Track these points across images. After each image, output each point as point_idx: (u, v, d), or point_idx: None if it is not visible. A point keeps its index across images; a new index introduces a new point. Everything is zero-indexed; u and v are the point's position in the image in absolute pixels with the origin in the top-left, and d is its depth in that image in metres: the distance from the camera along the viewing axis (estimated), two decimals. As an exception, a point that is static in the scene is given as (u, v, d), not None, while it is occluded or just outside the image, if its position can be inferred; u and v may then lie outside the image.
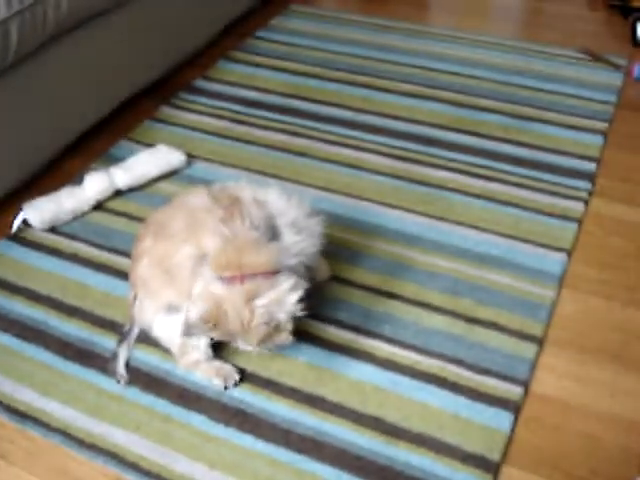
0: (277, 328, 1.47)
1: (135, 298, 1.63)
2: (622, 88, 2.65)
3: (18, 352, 1.70)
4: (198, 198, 1.62)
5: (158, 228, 1.61)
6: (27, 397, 1.60)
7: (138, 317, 1.64)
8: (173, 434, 1.52)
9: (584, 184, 2.17)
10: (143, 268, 1.60)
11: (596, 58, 2.82)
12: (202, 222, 1.55)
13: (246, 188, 1.63)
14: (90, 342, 1.72)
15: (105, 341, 1.72)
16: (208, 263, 1.50)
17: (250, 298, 1.45)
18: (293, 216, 1.60)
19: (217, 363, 1.63)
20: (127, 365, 1.65)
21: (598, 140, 2.36)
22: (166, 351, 1.65)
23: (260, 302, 1.45)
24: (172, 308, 1.57)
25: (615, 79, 2.69)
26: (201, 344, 1.60)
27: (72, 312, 1.79)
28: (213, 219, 1.54)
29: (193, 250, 1.53)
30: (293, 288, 1.48)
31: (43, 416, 1.56)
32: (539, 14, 3.28)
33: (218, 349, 1.64)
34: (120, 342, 1.67)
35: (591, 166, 2.24)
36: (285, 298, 1.47)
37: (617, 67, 2.75)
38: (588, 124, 2.44)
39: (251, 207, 1.57)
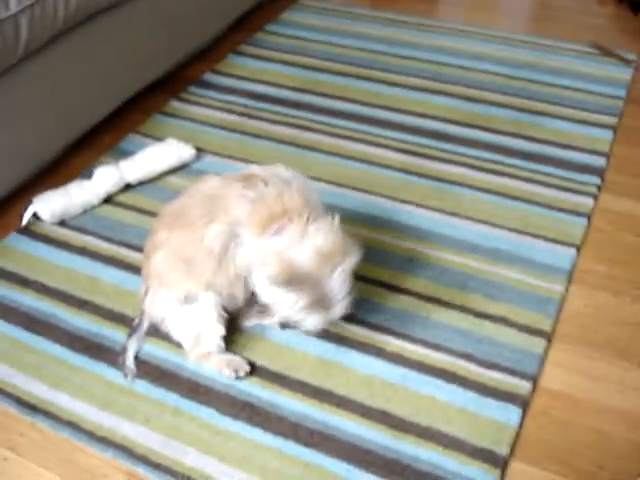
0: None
1: (147, 291, 1.64)
2: (631, 83, 2.64)
3: (28, 345, 1.71)
4: (211, 182, 1.63)
5: (174, 219, 1.61)
6: (37, 390, 1.60)
7: (151, 310, 1.64)
8: (182, 427, 1.52)
9: (593, 179, 2.16)
10: (159, 260, 1.60)
11: (606, 53, 2.81)
12: (223, 197, 1.56)
13: (256, 167, 1.66)
14: (100, 335, 1.72)
15: (115, 334, 1.72)
16: (246, 226, 1.51)
17: (307, 237, 1.47)
18: (302, 182, 1.62)
19: (228, 355, 1.63)
20: (136, 359, 1.65)
21: (607, 135, 2.36)
22: (176, 344, 1.66)
23: (320, 237, 1.47)
24: (188, 299, 1.58)
25: (625, 74, 2.69)
26: (215, 336, 1.60)
27: (82, 305, 1.80)
28: (235, 189, 1.56)
29: (221, 226, 1.54)
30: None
31: (53, 409, 1.56)
32: (548, 9, 3.27)
33: (228, 342, 1.64)
34: (130, 335, 1.68)
35: (601, 161, 2.24)
36: (339, 232, 1.50)
37: (627, 62, 2.75)
38: (598, 119, 2.44)
39: (267, 176, 1.59)
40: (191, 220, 1.57)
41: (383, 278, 1.85)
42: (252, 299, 1.69)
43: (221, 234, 1.55)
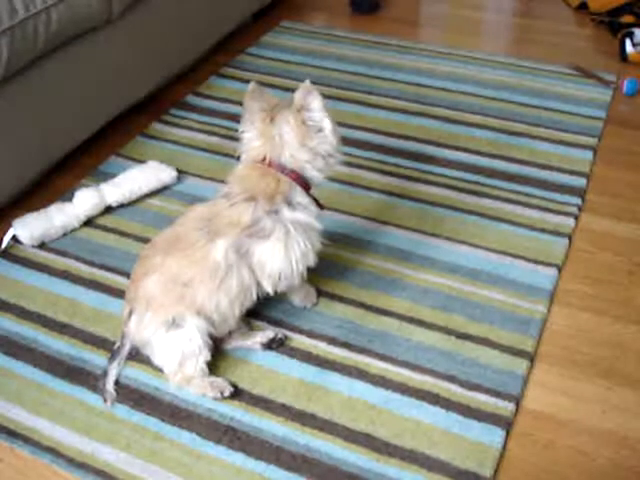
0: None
1: (130, 315, 1.62)
2: (611, 104, 2.66)
3: (7, 370, 1.69)
4: (198, 208, 1.66)
5: (169, 245, 1.61)
6: (17, 415, 1.58)
7: (135, 333, 1.62)
8: (163, 452, 1.51)
9: (574, 199, 2.17)
10: (151, 283, 1.58)
11: (585, 74, 2.84)
12: (218, 215, 1.59)
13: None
14: (80, 359, 1.71)
15: (95, 358, 1.71)
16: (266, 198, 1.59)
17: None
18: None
19: (211, 378, 1.62)
20: (117, 383, 1.64)
21: (587, 155, 2.37)
22: (157, 368, 1.64)
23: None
24: (175, 323, 1.57)
25: (604, 95, 2.71)
26: (200, 361, 1.60)
27: (62, 329, 1.78)
28: (223, 206, 1.60)
29: (232, 239, 1.57)
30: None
31: (33, 434, 1.54)
32: (528, 31, 3.30)
33: (209, 366, 1.63)
34: (111, 359, 1.66)
35: (581, 181, 2.25)
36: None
37: (606, 83, 2.77)
38: (578, 140, 2.46)
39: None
40: (189, 243, 1.58)
41: (365, 300, 1.85)
42: (241, 322, 1.71)
43: (232, 246, 1.57)
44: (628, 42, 2.91)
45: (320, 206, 1.69)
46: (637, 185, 2.25)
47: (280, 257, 1.60)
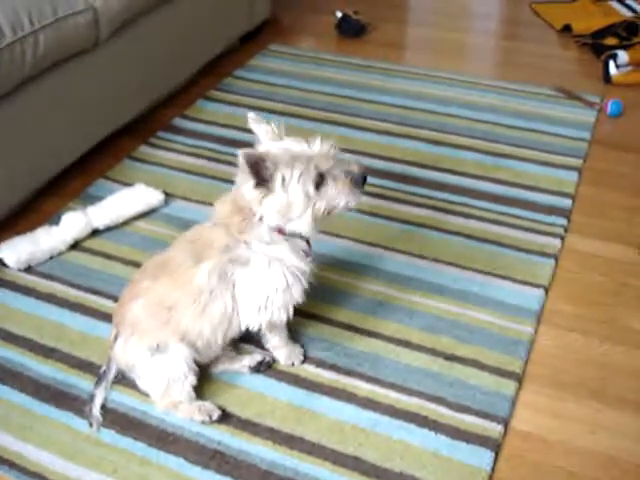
0: None
1: (116, 338, 1.62)
2: (595, 125, 2.69)
3: (-7, 395, 1.68)
4: (190, 231, 1.66)
5: (158, 269, 1.61)
6: (2, 440, 1.57)
7: (120, 357, 1.62)
8: (150, 477, 1.49)
9: (560, 220, 2.18)
10: (137, 308, 1.58)
11: (570, 96, 2.87)
12: (202, 238, 1.59)
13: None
14: (66, 384, 1.70)
15: (82, 382, 1.69)
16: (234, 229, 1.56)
17: None
18: None
19: (198, 402, 1.62)
20: (103, 407, 1.62)
21: (573, 176, 2.39)
22: (143, 392, 1.63)
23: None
24: (160, 349, 1.57)
25: (588, 116, 2.73)
26: (186, 386, 1.59)
27: (48, 353, 1.77)
28: (207, 229, 1.61)
29: (215, 261, 1.55)
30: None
31: (19, 460, 1.53)
32: (513, 53, 3.33)
33: (196, 389, 1.62)
34: (97, 384, 1.65)
35: (566, 202, 2.27)
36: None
37: (590, 104, 2.80)
38: (563, 161, 2.47)
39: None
40: (175, 266, 1.58)
41: (353, 322, 1.85)
42: (228, 346, 1.70)
43: (216, 269, 1.55)
44: (612, 64, 2.94)
45: (306, 253, 1.62)
46: (622, 205, 2.27)
47: (258, 286, 1.58)
